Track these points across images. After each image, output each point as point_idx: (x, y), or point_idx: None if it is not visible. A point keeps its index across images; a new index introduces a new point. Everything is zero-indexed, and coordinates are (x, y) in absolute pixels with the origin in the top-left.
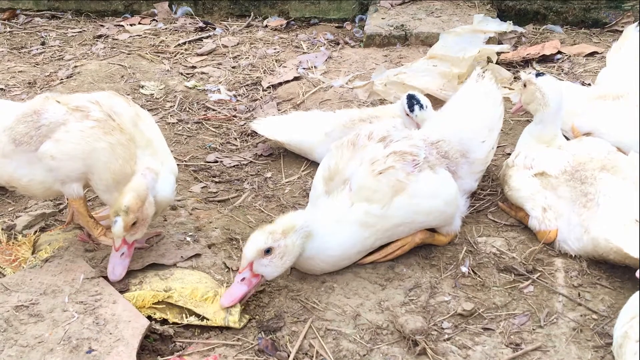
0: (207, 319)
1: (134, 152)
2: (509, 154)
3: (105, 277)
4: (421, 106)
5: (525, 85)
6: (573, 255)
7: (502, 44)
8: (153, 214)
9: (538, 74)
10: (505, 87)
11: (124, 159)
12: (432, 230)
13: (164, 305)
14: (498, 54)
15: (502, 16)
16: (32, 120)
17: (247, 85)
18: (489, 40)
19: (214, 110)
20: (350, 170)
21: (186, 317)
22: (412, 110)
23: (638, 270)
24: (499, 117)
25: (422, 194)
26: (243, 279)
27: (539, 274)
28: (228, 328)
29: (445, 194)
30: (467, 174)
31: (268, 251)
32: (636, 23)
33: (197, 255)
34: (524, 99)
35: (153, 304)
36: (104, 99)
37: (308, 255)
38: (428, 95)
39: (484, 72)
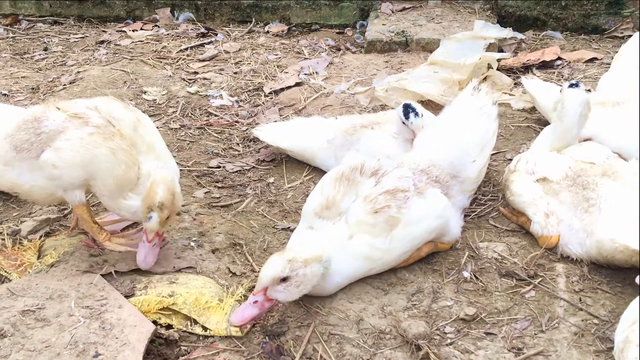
0: (210, 330)
1: (136, 157)
2: (510, 160)
3: (103, 275)
4: (416, 114)
5: (561, 91)
6: (574, 260)
7: (503, 50)
8: (181, 204)
9: (572, 85)
10: (505, 93)
11: (126, 164)
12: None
13: (170, 312)
14: (498, 60)
15: (502, 22)
16: (33, 127)
17: (249, 90)
18: (489, 47)
19: (216, 115)
20: (345, 205)
21: (191, 325)
22: (407, 118)
23: (638, 277)
24: (493, 134)
25: (413, 221)
26: (256, 302)
27: (540, 279)
28: (231, 335)
29: (435, 210)
30: (458, 193)
31: (284, 279)
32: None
33: (190, 268)
34: (553, 104)
35: (158, 309)
36: (103, 104)
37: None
38: (429, 101)
39: (479, 85)
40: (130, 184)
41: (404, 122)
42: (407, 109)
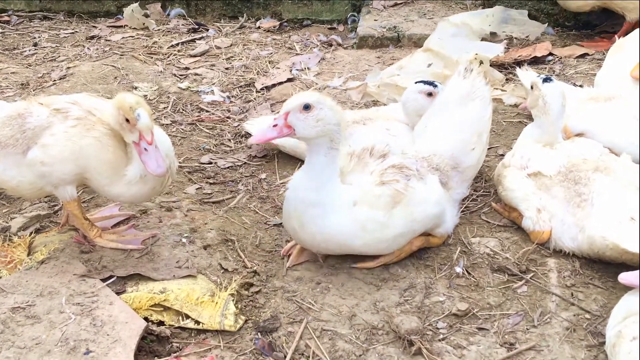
0: (203, 323)
1: (121, 138)
2: (502, 155)
3: (102, 279)
4: (435, 84)
5: (532, 87)
6: (566, 255)
7: (494, 41)
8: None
9: (546, 79)
10: (497, 89)
11: (113, 146)
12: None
13: (161, 308)
14: None
15: None
16: (17, 123)
17: (241, 86)
18: (482, 39)
19: (207, 111)
20: (352, 178)
21: (182, 320)
22: (435, 86)
23: (620, 275)
24: (488, 119)
25: (414, 202)
26: (275, 125)
27: (532, 274)
28: (225, 330)
29: (434, 196)
30: (458, 184)
31: (307, 107)
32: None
33: (190, 276)
34: (529, 101)
35: (150, 306)
36: (82, 98)
37: (309, 221)
38: None
39: (471, 65)
40: (123, 161)
41: (430, 93)
42: (426, 82)
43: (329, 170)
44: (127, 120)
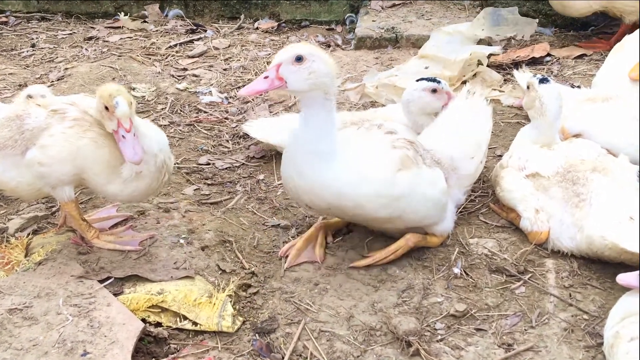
0: (200, 325)
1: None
2: (500, 156)
3: (100, 281)
4: (438, 81)
5: (528, 87)
6: (565, 255)
7: (491, 45)
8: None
9: (542, 80)
10: (495, 90)
11: (109, 146)
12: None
13: (159, 309)
14: (488, 56)
15: None
16: (16, 125)
17: (239, 87)
18: (480, 41)
19: (205, 112)
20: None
21: (180, 321)
22: (439, 82)
23: (618, 275)
24: (488, 131)
25: (423, 179)
26: (267, 77)
27: (530, 274)
28: (222, 331)
29: (441, 185)
30: (456, 185)
31: (299, 59)
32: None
33: (187, 277)
34: (525, 102)
35: (147, 307)
36: (79, 99)
37: (308, 169)
38: None
39: (474, 88)
40: (119, 160)
41: (434, 90)
42: (429, 80)
43: (328, 121)
44: (107, 108)
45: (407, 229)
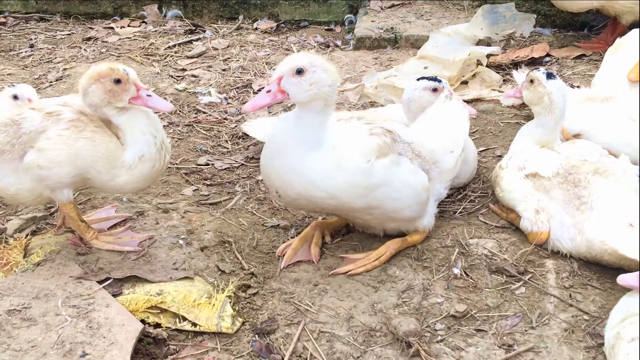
0: (200, 326)
1: (111, 133)
2: (500, 157)
3: (99, 282)
4: (439, 80)
5: (532, 82)
6: (564, 256)
7: (491, 45)
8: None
9: (549, 75)
10: (494, 90)
11: (106, 141)
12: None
13: (158, 310)
14: (487, 57)
15: None
16: (13, 130)
17: (238, 87)
18: (479, 42)
19: (204, 112)
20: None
21: (179, 322)
22: (440, 82)
23: (619, 276)
24: (465, 132)
25: (401, 167)
26: (269, 91)
27: (530, 275)
28: (222, 332)
29: (423, 178)
30: (437, 178)
31: (300, 72)
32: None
33: (187, 278)
34: (529, 98)
35: (146, 308)
36: (71, 99)
37: (287, 157)
38: None
39: (450, 95)
40: (119, 151)
41: (435, 89)
42: (429, 78)
43: (322, 122)
44: (117, 81)
45: (389, 225)
